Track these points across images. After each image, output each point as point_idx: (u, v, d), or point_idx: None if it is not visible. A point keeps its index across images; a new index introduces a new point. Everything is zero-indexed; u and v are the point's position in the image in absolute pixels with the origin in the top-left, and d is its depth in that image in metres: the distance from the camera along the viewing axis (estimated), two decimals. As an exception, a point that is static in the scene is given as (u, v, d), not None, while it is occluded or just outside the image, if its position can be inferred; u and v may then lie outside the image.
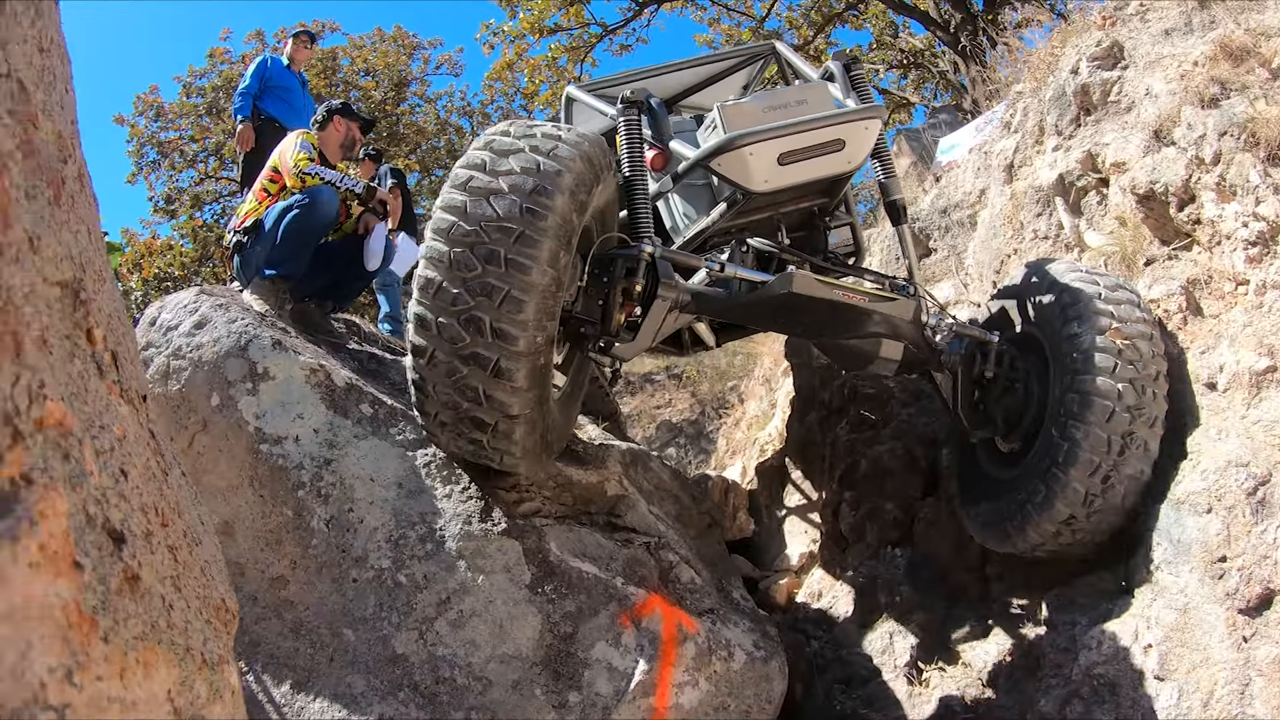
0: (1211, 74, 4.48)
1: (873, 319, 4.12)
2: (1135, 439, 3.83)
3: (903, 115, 22.36)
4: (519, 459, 3.44)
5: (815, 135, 3.95)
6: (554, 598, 3.52)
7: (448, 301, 3.04)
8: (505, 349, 3.04)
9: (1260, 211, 3.99)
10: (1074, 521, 3.96)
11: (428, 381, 3.20)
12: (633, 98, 4.09)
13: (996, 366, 4.39)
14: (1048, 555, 4.26)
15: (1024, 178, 5.96)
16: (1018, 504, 4.13)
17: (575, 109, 5.48)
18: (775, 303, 3.91)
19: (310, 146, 5.03)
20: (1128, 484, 3.90)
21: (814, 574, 6.28)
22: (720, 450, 11.43)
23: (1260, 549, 3.51)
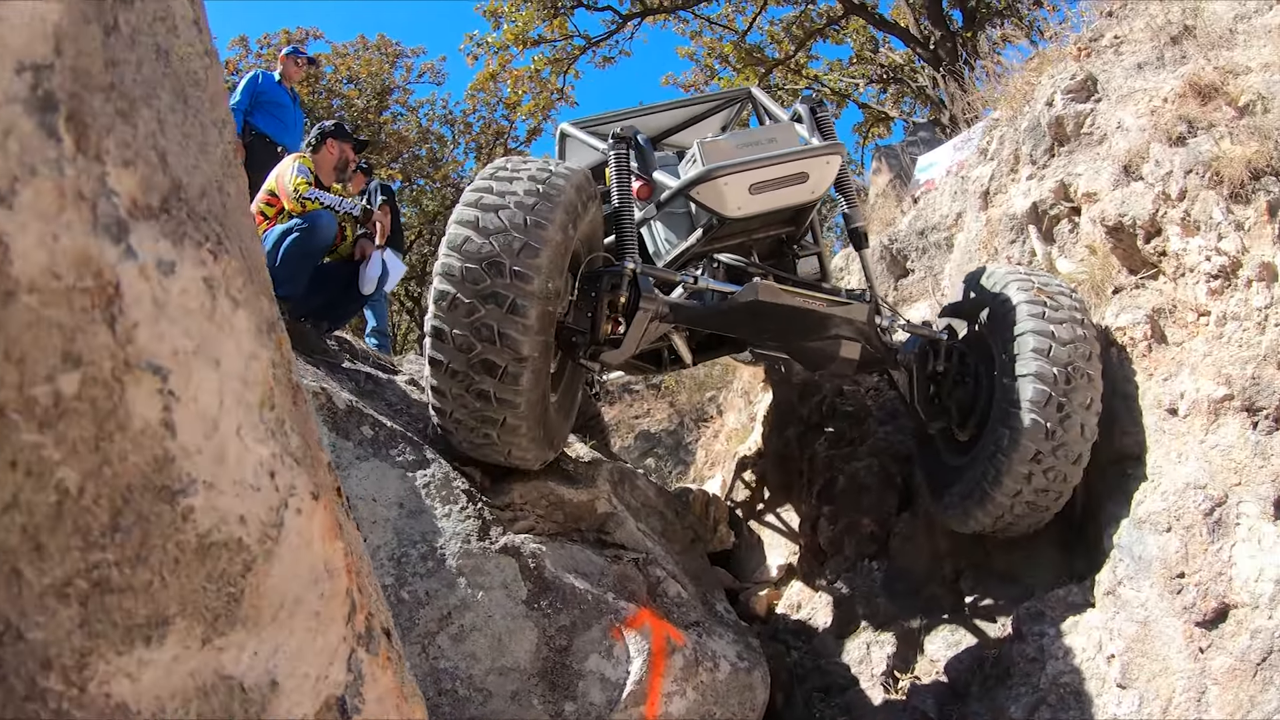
0: (1180, 112, 4.67)
1: (831, 322, 4.57)
2: (1071, 422, 4.19)
3: (881, 129, 22.68)
4: (525, 452, 3.90)
5: (782, 168, 4.45)
6: (549, 612, 3.69)
7: (462, 313, 3.47)
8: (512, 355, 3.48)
9: (1222, 246, 4.20)
10: (1021, 497, 4.33)
11: (444, 387, 3.63)
12: (622, 134, 4.64)
13: (947, 362, 4.86)
14: (1003, 532, 4.70)
15: (999, 204, 6.17)
16: (974, 486, 4.51)
17: (569, 144, 5.97)
18: (743, 310, 4.37)
19: (308, 171, 5.16)
20: (1067, 463, 4.27)
21: (793, 586, 6.44)
22: (699, 462, 11.44)
23: (1216, 566, 3.75)
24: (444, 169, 22.23)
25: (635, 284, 4.20)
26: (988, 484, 4.40)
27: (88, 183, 0.83)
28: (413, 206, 22.38)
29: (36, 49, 0.80)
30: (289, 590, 1.10)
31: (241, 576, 1.01)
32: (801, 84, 21.98)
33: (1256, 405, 3.84)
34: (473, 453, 4.03)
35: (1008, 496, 4.34)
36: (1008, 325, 4.44)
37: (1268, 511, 3.65)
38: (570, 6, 18.71)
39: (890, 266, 7.75)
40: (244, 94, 7.87)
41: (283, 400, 1.13)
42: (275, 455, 1.08)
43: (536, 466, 4.18)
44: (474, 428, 3.77)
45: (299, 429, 1.18)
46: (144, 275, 0.88)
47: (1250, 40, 4.87)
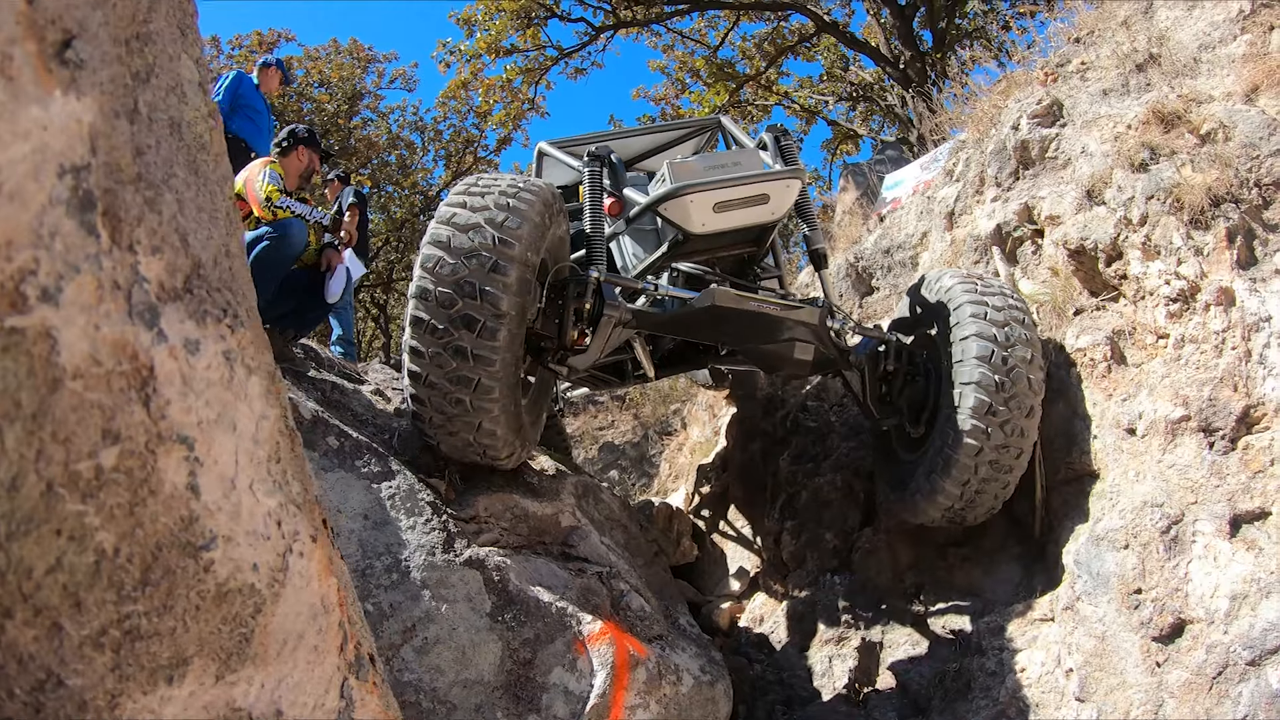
0: (1143, 139, 4.76)
1: (785, 325, 4.78)
2: (1013, 420, 4.38)
3: (850, 146, 22.86)
4: (500, 452, 4.10)
5: (745, 189, 4.69)
6: (513, 625, 3.69)
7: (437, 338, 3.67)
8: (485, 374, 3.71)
9: (1181, 271, 4.30)
10: (970, 487, 4.53)
11: (424, 397, 3.82)
12: (597, 153, 4.94)
13: (896, 361, 5.10)
14: (955, 522, 4.87)
15: (964, 225, 6.25)
16: (926, 478, 4.71)
17: (545, 162, 6.25)
18: (702, 315, 4.60)
19: (278, 177, 5.10)
20: (1011, 456, 4.46)
21: (756, 599, 6.47)
22: (663, 474, 11.42)
23: (1172, 582, 3.81)
24: (413, 176, 22.12)
25: (600, 292, 4.45)
26: (938, 475, 4.58)
27: (122, 273, 0.91)
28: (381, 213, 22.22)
29: (75, 151, 0.86)
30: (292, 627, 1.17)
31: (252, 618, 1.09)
32: (772, 100, 22.13)
33: (1213, 426, 3.92)
34: (451, 452, 4.19)
35: (957, 485, 4.52)
36: (953, 325, 4.65)
37: (1223, 529, 3.72)
38: (544, 17, 18.70)
39: (855, 284, 7.81)
40: (226, 94, 7.75)
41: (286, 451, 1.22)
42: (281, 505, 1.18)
43: (510, 465, 4.35)
44: (452, 431, 3.96)
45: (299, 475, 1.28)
46: (173, 355, 0.97)
47: (1214, 69, 4.96)
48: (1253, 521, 3.68)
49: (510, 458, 4.23)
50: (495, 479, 4.50)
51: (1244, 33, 4.91)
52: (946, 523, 4.90)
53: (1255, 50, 4.76)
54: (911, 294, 5.26)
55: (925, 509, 4.78)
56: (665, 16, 19.50)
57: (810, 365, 5.08)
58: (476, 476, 4.47)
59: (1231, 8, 5.07)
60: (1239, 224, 4.15)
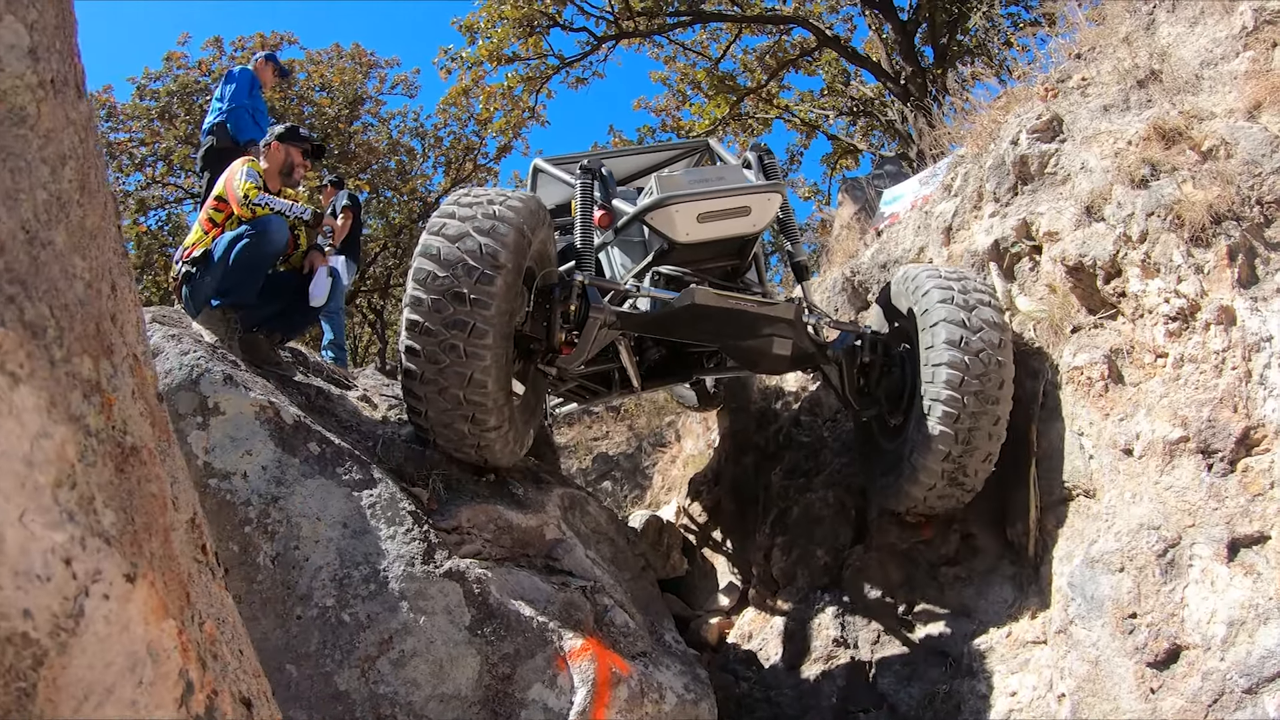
0: (1144, 155, 4.69)
1: (763, 321, 4.97)
2: (986, 413, 4.57)
3: (850, 161, 22.84)
4: (495, 448, 4.27)
5: (727, 201, 4.95)
6: (493, 639, 3.61)
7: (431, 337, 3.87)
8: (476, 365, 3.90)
9: (1181, 289, 4.22)
10: (946, 476, 4.70)
11: (420, 393, 4.02)
12: (589, 165, 5.19)
13: (872, 353, 5.28)
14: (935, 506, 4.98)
15: (961, 240, 6.18)
16: (905, 463, 4.85)
17: (540, 178, 6.51)
18: (683, 314, 4.78)
19: (257, 175, 5.05)
20: (983, 440, 4.62)
21: (745, 615, 6.40)
22: (656, 486, 11.41)
23: (1168, 607, 3.74)
24: (412, 182, 22.07)
25: (585, 295, 4.68)
26: (918, 456, 4.71)
27: None
28: (379, 218, 22.19)
29: None
30: (98, 679, 1.03)
31: (33, 670, 0.95)
32: (773, 113, 22.13)
33: (1211, 447, 3.85)
34: (447, 447, 4.34)
35: (937, 463, 4.65)
36: (922, 314, 4.85)
37: (1220, 553, 3.65)
38: (546, 26, 18.69)
39: (851, 298, 7.76)
40: (246, 92, 7.68)
41: (95, 475, 1.06)
42: (74, 539, 1.01)
43: (505, 462, 4.51)
44: (448, 423, 4.12)
45: (117, 504, 1.11)
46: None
47: (1215, 86, 4.91)
48: (1251, 545, 3.61)
49: (504, 453, 4.37)
50: (479, 490, 4.43)
51: (1246, 49, 4.86)
52: (930, 506, 4.99)
53: (1258, 67, 4.70)
54: (884, 290, 5.48)
55: (909, 491, 4.87)
56: (667, 28, 19.50)
57: (789, 360, 5.22)
58: (460, 486, 4.40)
59: (1234, 24, 5.02)
60: (1240, 242, 4.08)
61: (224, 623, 1.30)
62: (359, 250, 9.26)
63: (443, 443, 4.30)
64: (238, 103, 7.66)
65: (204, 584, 1.28)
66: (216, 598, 1.29)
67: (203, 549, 1.26)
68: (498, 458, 4.39)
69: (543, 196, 6.13)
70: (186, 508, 1.30)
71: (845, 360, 5.30)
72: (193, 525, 1.27)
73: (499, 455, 4.36)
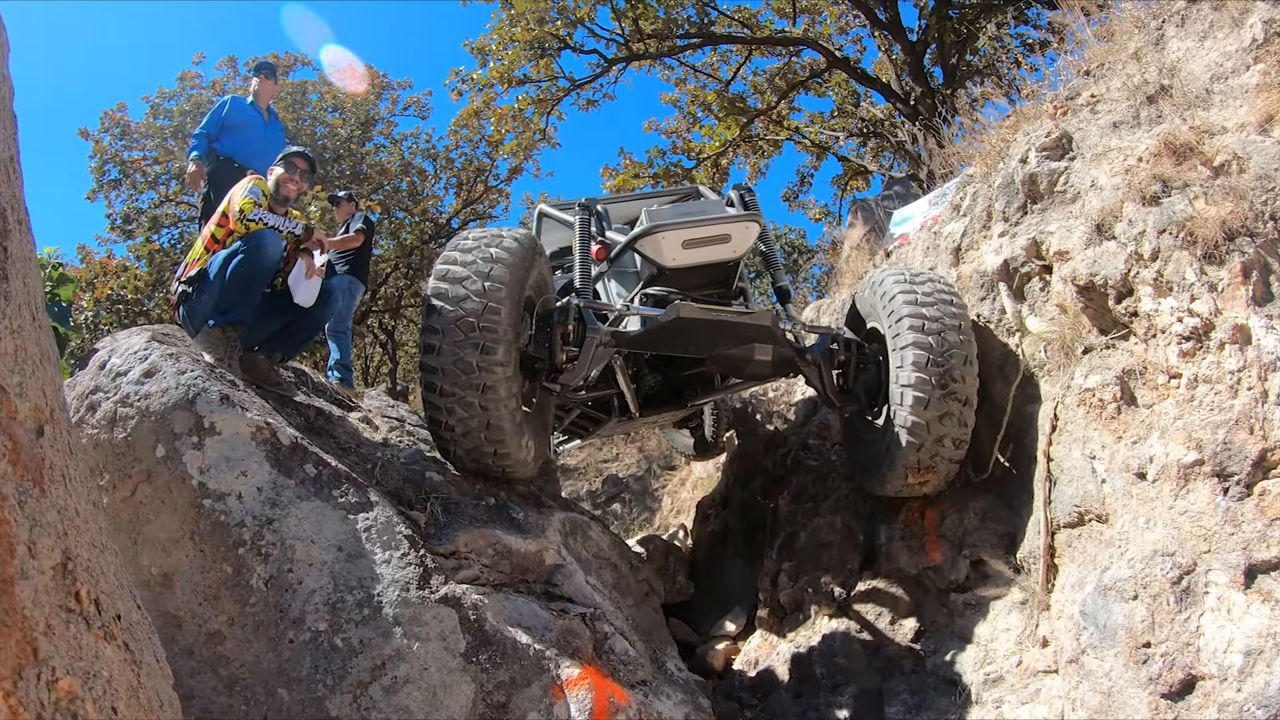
0: (1154, 171, 4.60)
1: (743, 329, 5.37)
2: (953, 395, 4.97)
3: (860, 182, 22.79)
4: (511, 457, 4.61)
5: (709, 229, 5.46)
6: (488, 667, 3.52)
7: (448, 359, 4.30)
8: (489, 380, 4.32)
9: (1195, 308, 4.12)
10: (924, 451, 5.04)
11: (442, 412, 4.42)
12: (586, 203, 5.88)
13: (847, 352, 5.70)
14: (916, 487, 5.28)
15: (970, 261, 6.10)
16: (885, 450, 5.21)
17: (544, 222, 7.01)
18: (671, 328, 5.15)
19: (259, 192, 5.05)
20: (952, 424, 5.02)
21: (751, 641, 6.31)
22: (665, 509, 11.39)
23: (1183, 636, 3.63)
24: (423, 203, 22.14)
25: (581, 318, 5.15)
26: (894, 445, 5.09)
27: None
28: (391, 239, 22.25)
29: None
30: None
31: None
32: (783, 135, 22.12)
33: (1227, 471, 3.74)
34: (466, 458, 4.66)
35: (914, 451, 5.02)
36: (889, 314, 5.27)
37: (1237, 580, 3.54)
38: (557, 48, 18.77)
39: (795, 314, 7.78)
40: (210, 122, 7.88)
41: None
42: None
43: (521, 473, 4.87)
44: (466, 431, 4.48)
45: None
46: None
47: (1227, 100, 4.82)
48: (1269, 572, 3.51)
49: (519, 464, 4.71)
50: (478, 514, 4.37)
51: (1257, 62, 4.77)
52: (912, 486, 5.27)
53: (1269, 80, 4.62)
54: (855, 295, 5.94)
55: (890, 476, 5.23)
56: (677, 50, 19.57)
57: (771, 365, 5.65)
58: (459, 511, 4.34)
59: (1244, 37, 4.94)
60: (1254, 258, 3.98)
61: (94, 677, 1.20)
62: (368, 272, 9.25)
63: (461, 452, 4.61)
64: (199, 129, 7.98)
65: (69, 636, 1.19)
66: (88, 650, 1.19)
67: (76, 596, 1.17)
68: (514, 467, 4.71)
69: (546, 239, 6.79)
70: (51, 554, 1.21)
71: (823, 362, 5.70)
72: (62, 572, 1.18)
73: (515, 464, 4.69)
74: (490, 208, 24.35)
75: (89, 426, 3.87)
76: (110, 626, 1.39)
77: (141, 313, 17.39)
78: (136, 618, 1.59)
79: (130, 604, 1.58)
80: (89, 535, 1.40)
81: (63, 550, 1.27)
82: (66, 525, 1.30)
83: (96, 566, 1.39)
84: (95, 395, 3.95)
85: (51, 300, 5.77)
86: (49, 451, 1.26)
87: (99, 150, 19.18)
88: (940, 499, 5.37)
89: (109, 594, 1.41)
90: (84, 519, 1.40)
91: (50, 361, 1.44)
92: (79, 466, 1.47)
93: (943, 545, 5.17)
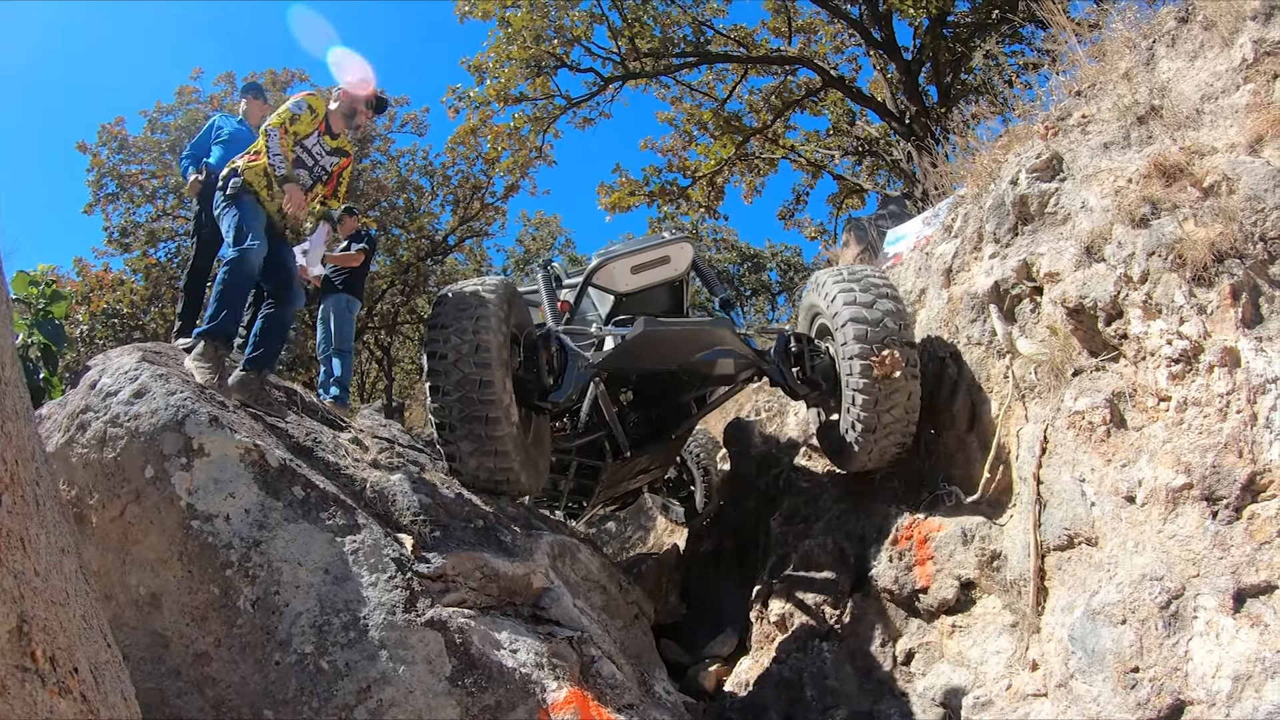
0: (1144, 193, 4.60)
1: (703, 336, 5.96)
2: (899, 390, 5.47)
3: (855, 201, 22.85)
4: (520, 478, 5.02)
5: (650, 254, 6.21)
6: (474, 690, 3.49)
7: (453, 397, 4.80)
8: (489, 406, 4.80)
9: (1184, 330, 4.12)
10: (874, 442, 5.64)
11: (449, 439, 4.90)
12: (543, 263, 6.98)
13: (799, 344, 6.23)
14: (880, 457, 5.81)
15: (961, 283, 6.10)
16: (847, 428, 5.78)
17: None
18: (639, 342, 5.67)
19: (304, 107, 5.41)
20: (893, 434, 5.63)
21: (743, 663, 6.28)
22: (659, 529, 11.38)
23: (1171, 661, 3.62)
24: (419, 220, 22.15)
25: (562, 345, 5.60)
26: (850, 439, 5.73)
27: None
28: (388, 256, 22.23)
29: None
30: None
31: None
32: (779, 153, 22.18)
33: (1216, 494, 3.74)
34: (473, 478, 5.00)
35: (870, 430, 5.58)
36: (835, 317, 5.76)
37: (1226, 604, 3.54)
38: (553, 67, 18.83)
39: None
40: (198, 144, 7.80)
41: None
42: None
43: (525, 492, 5.30)
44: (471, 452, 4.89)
45: None
46: None
47: (1217, 120, 4.83)
48: (1258, 596, 3.51)
49: (522, 483, 5.09)
50: (467, 537, 4.35)
51: (1247, 82, 4.79)
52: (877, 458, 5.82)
53: (1259, 100, 4.63)
54: (802, 297, 6.57)
55: (854, 458, 5.86)
56: (673, 69, 19.64)
57: (735, 369, 6.22)
58: (447, 533, 4.31)
59: (1234, 56, 4.96)
60: (1244, 280, 3.99)
61: None
62: (363, 289, 9.24)
63: (468, 472, 4.98)
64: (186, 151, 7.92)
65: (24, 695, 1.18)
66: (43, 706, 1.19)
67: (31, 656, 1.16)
68: (518, 485, 5.09)
69: None
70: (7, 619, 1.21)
71: (781, 359, 6.19)
72: (18, 634, 1.18)
73: (518, 484, 5.08)
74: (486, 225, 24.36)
75: (79, 446, 3.86)
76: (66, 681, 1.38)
77: (137, 326, 17.38)
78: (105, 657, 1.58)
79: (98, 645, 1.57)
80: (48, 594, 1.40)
81: (18, 614, 1.26)
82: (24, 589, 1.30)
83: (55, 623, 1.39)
84: (86, 415, 3.93)
85: (45, 318, 5.78)
86: (7, 519, 1.25)
87: (96, 164, 19.19)
88: (931, 521, 5.36)
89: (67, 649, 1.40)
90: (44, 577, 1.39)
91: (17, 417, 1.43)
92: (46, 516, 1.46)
93: (933, 567, 5.16)
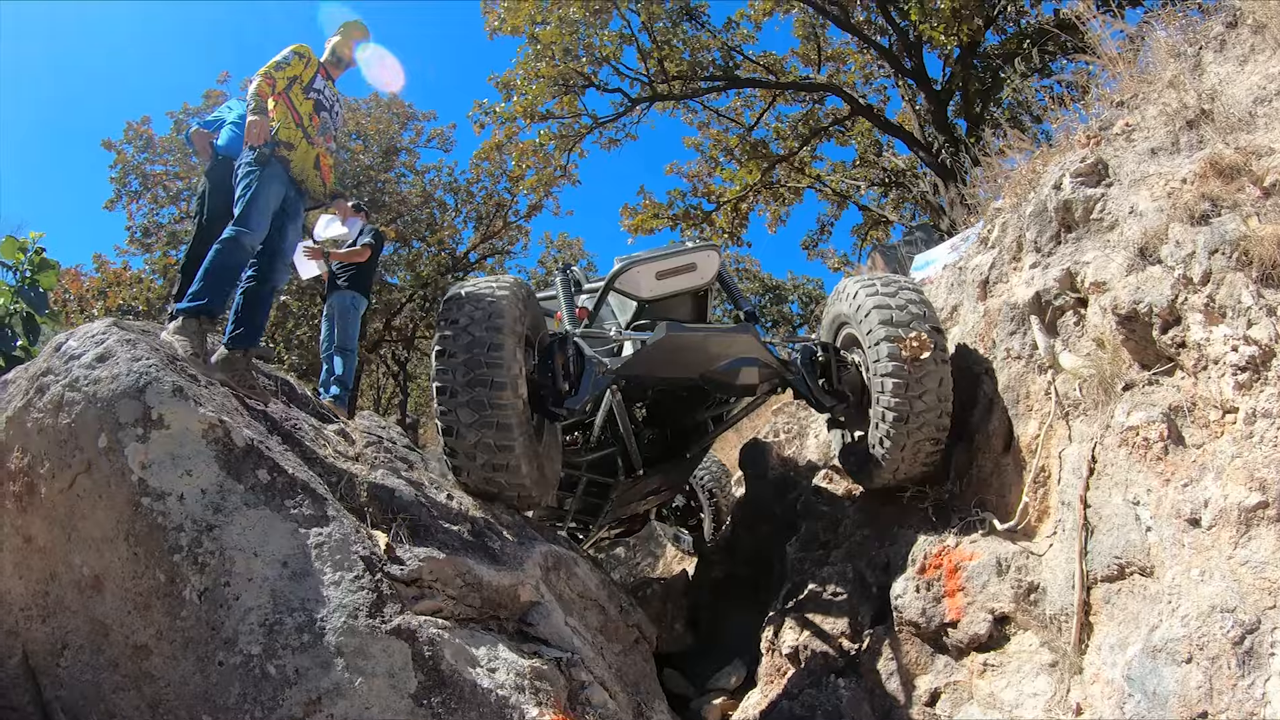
0: (1202, 190, 4.26)
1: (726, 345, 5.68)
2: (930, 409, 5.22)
3: (880, 232, 22.62)
4: (527, 486, 4.69)
5: (676, 260, 5.98)
6: (441, 712, 3.07)
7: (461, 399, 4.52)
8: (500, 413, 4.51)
9: (1252, 334, 3.74)
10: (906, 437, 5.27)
11: (458, 448, 4.59)
12: (563, 267, 6.79)
13: (825, 353, 5.97)
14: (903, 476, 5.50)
15: (999, 294, 5.73)
16: (874, 444, 5.47)
17: None
18: (660, 349, 5.48)
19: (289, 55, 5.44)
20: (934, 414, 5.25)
21: (751, 697, 5.95)
22: (669, 555, 11.20)
23: (1246, 705, 3.18)
24: (440, 234, 22.05)
25: (579, 349, 5.39)
26: (879, 440, 5.38)
27: None
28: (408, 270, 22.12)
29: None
30: None
31: None
32: (804, 182, 22.03)
33: (1296, 513, 3.31)
34: (479, 485, 4.71)
35: (897, 447, 5.28)
36: (861, 323, 5.51)
37: (1309, 640, 3.10)
38: (581, 86, 18.79)
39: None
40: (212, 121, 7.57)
41: None
42: None
43: (535, 502, 4.98)
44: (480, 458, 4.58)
45: None
46: None
47: (1272, 123, 4.50)
48: (1346, 631, 3.07)
49: (529, 491, 4.76)
50: (450, 539, 3.95)
51: (1302, 82, 4.44)
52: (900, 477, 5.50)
53: (1315, 100, 4.28)
54: (829, 305, 6.21)
55: (879, 470, 5.49)
56: (701, 93, 19.61)
57: (758, 379, 5.91)
58: (429, 534, 3.92)
59: (1287, 58, 4.62)
60: (1316, 278, 3.60)
61: None
62: (370, 287, 8.93)
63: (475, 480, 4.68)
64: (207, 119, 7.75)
65: None
66: None
67: None
68: (526, 493, 4.76)
69: None
70: None
71: (806, 370, 5.91)
72: None
73: (527, 493, 4.75)
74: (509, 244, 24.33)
75: (35, 410, 3.48)
76: None
77: (152, 324, 17.30)
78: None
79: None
80: None
81: None
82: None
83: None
84: (46, 378, 3.56)
85: (30, 285, 5.91)
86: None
87: (121, 161, 19.27)
88: (962, 549, 4.92)
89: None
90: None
91: None
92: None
93: (964, 599, 4.72)
